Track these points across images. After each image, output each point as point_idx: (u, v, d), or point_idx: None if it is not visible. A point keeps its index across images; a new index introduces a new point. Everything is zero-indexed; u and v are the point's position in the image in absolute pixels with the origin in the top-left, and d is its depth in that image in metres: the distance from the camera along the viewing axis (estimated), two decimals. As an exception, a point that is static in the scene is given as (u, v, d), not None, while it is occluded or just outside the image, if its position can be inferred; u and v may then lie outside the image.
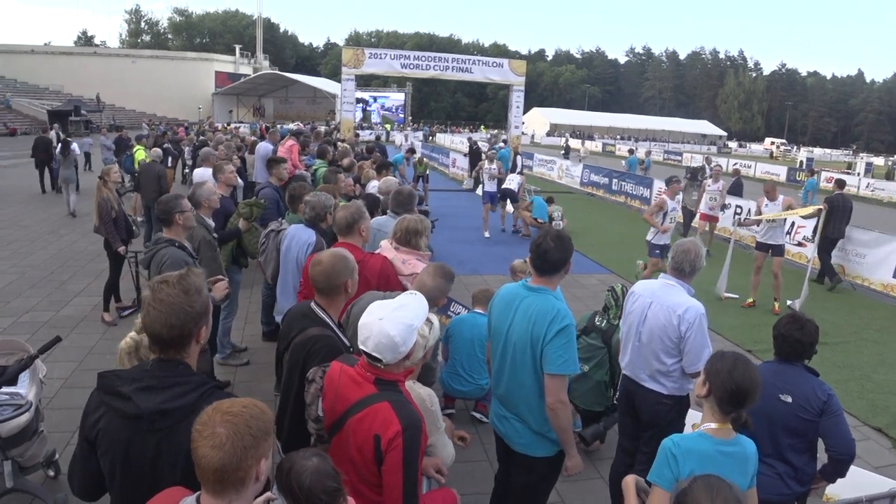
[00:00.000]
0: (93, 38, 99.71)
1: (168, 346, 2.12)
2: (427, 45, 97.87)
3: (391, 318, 2.45)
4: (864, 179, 35.82)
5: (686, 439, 2.68)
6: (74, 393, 5.69)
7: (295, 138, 14.15)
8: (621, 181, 22.55)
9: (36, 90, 63.27)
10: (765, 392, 3.28)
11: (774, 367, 3.60)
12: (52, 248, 11.66)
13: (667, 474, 2.57)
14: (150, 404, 2.00)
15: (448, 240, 13.35)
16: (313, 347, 2.93)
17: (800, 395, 3.42)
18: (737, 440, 2.67)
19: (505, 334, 3.35)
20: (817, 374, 3.54)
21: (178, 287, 2.11)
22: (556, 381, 3.14)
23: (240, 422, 1.76)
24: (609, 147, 63.10)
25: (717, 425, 2.66)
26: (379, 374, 2.50)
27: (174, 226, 4.78)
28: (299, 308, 3.31)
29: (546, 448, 3.33)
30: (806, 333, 3.52)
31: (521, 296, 3.33)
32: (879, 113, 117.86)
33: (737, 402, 2.63)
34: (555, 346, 3.12)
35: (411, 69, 27.15)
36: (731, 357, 2.74)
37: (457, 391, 5.77)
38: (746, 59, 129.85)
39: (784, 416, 3.43)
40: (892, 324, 9.68)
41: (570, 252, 3.28)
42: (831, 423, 3.38)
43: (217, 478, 1.74)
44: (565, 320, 3.15)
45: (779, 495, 3.47)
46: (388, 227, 5.16)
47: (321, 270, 3.15)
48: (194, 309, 2.11)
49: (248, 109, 74.74)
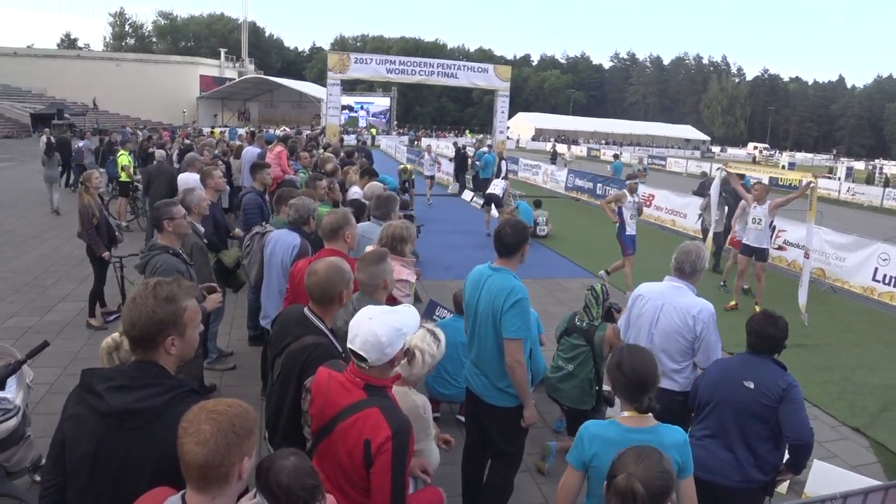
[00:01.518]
0: (76, 40, 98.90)
1: (136, 346, 2.18)
2: (413, 50, 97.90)
3: (380, 319, 2.52)
4: (845, 184, 36.29)
5: (596, 425, 2.94)
6: (60, 398, 5.58)
7: (283, 144, 14.14)
8: (606, 186, 22.69)
9: (19, 93, 62.59)
10: (732, 381, 3.66)
11: (743, 359, 3.80)
12: (36, 252, 11.59)
13: (577, 454, 2.88)
14: (119, 403, 2.05)
15: (434, 245, 13.40)
16: (311, 355, 2.95)
17: (761, 382, 3.58)
18: (653, 429, 2.84)
19: (474, 307, 3.95)
20: (785, 367, 3.68)
21: (150, 291, 2.18)
22: (512, 344, 3.72)
23: (224, 420, 1.82)
24: (594, 152, 63.45)
25: (628, 414, 2.89)
26: (368, 379, 2.55)
27: (165, 232, 4.86)
28: (292, 314, 3.32)
29: (506, 399, 3.90)
30: (779, 329, 3.70)
31: (486, 275, 3.92)
32: (860, 118, 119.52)
33: (636, 389, 2.86)
34: (510, 315, 3.69)
35: (397, 74, 27.27)
36: (618, 353, 3.03)
37: (442, 395, 5.81)
38: (730, 65, 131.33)
39: (746, 401, 3.59)
40: (872, 326, 9.86)
41: (523, 237, 3.87)
42: (789, 410, 3.51)
43: (201, 474, 1.79)
44: (519, 294, 3.72)
45: (736, 482, 3.58)
46: (372, 233, 5.21)
47: (316, 280, 3.18)
48: (156, 315, 2.15)
49: (233, 113, 74.39)
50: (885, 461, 5.79)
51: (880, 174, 46.15)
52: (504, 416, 3.94)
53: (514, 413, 3.92)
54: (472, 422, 4.31)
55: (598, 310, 5.44)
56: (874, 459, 5.83)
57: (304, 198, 5.65)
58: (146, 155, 16.88)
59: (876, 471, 5.53)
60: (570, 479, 2.90)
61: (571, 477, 2.89)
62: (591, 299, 5.51)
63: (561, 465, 5.22)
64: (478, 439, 4.25)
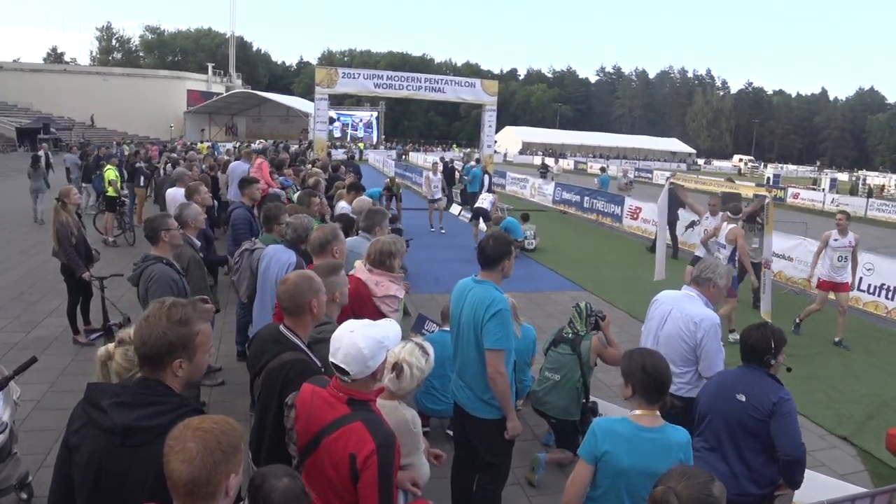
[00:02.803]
0: (63, 54, 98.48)
1: (144, 363, 2.18)
2: (400, 65, 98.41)
3: (362, 332, 2.54)
4: (829, 195, 36.66)
5: (609, 421, 3.06)
6: (47, 415, 5.63)
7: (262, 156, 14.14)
8: (593, 199, 22.83)
9: (4, 107, 62.22)
10: (726, 393, 3.66)
11: (739, 371, 3.78)
12: (22, 268, 11.50)
13: (589, 448, 2.98)
14: (123, 419, 2.05)
15: (423, 259, 13.40)
16: (289, 373, 2.95)
17: (753, 395, 3.57)
18: (661, 429, 2.96)
19: (458, 318, 4.00)
20: (780, 382, 3.66)
21: (165, 311, 2.18)
22: (493, 355, 3.74)
23: (210, 437, 1.81)
24: (581, 165, 63.81)
25: (641, 412, 2.99)
26: (351, 393, 2.56)
27: (161, 243, 4.91)
28: (268, 332, 3.32)
29: (490, 412, 3.91)
30: (758, 339, 3.67)
31: (469, 287, 3.98)
32: (843, 130, 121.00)
33: (657, 390, 3.00)
34: (491, 325, 3.72)
35: (384, 89, 27.30)
36: (639, 355, 3.11)
37: (431, 410, 5.80)
38: (714, 78, 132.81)
39: (738, 414, 3.59)
40: (858, 336, 9.92)
41: (504, 249, 3.91)
42: (780, 424, 3.49)
43: (187, 491, 1.79)
44: (500, 305, 3.75)
45: (733, 495, 3.47)
46: (360, 248, 5.22)
47: (285, 289, 3.20)
48: (167, 336, 2.16)
49: (221, 128, 74.35)
50: (873, 469, 5.83)
51: (864, 185, 46.81)
52: (489, 429, 3.95)
53: (498, 425, 3.93)
54: (459, 434, 4.32)
55: (582, 323, 5.57)
56: (862, 468, 5.88)
57: (302, 216, 5.66)
58: (133, 170, 16.84)
59: (864, 479, 5.57)
60: (581, 472, 2.99)
61: (582, 470, 2.99)
62: (575, 315, 5.65)
63: (551, 478, 5.26)
64: (465, 452, 4.25)
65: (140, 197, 16.77)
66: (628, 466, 2.86)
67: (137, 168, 16.85)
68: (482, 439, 4.02)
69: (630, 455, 2.87)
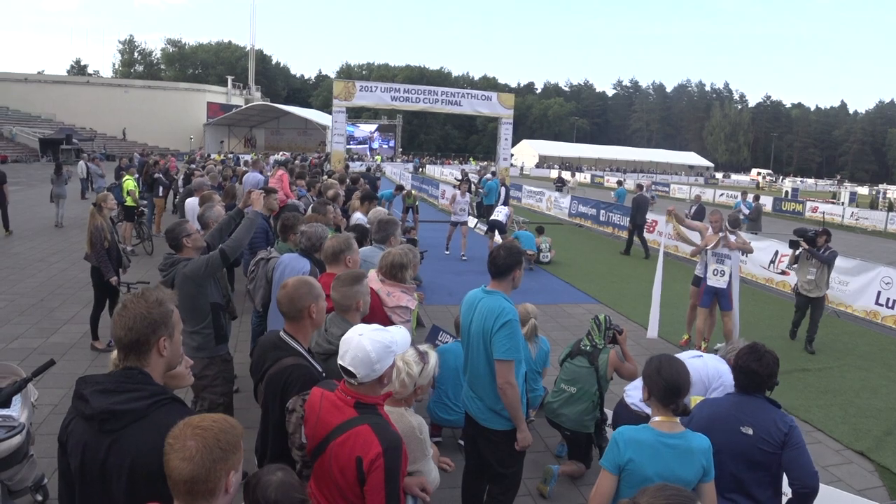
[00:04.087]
0: (86, 67, 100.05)
1: (128, 352, 2.22)
2: (418, 78, 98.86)
3: (370, 335, 2.56)
4: (849, 209, 36.31)
5: (631, 430, 3.02)
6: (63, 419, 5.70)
7: (283, 167, 14.27)
8: (609, 212, 22.77)
9: (28, 118, 63.36)
10: (726, 426, 3.40)
11: (735, 400, 3.55)
12: (42, 275, 11.66)
13: (612, 458, 2.95)
14: (100, 404, 2.09)
15: (437, 270, 13.45)
16: (289, 378, 2.99)
17: (761, 428, 3.35)
18: (682, 434, 2.98)
19: (468, 329, 3.99)
20: (779, 405, 3.48)
21: (140, 297, 2.25)
22: (503, 366, 3.72)
23: (209, 435, 1.84)
24: (598, 178, 63.68)
25: (661, 418, 3.02)
26: (358, 397, 2.58)
27: (185, 249, 5.01)
28: (269, 339, 3.36)
29: (500, 423, 3.90)
30: (763, 365, 3.45)
31: (479, 297, 3.98)
32: (863, 143, 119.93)
33: (672, 394, 3.01)
34: (500, 336, 3.71)
35: (401, 102, 27.50)
36: (657, 359, 3.16)
37: (443, 420, 5.81)
38: (732, 92, 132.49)
39: (746, 448, 3.35)
40: (875, 350, 9.82)
41: (515, 260, 3.93)
42: (794, 455, 3.29)
43: (188, 489, 1.82)
44: (509, 315, 3.74)
45: None
46: (374, 258, 5.25)
47: (284, 294, 3.24)
48: (151, 315, 2.21)
49: (240, 140, 75.10)
50: (890, 485, 5.75)
51: (884, 199, 46.33)
52: (500, 440, 3.94)
53: (509, 436, 3.92)
54: (470, 445, 4.31)
55: (601, 337, 5.52)
56: (879, 483, 5.80)
57: (317, 225, 5.70)
58: (152, 180, 17.07)
59: (881, 494, 5.50)
60: (605, 482, 2.96)
61: (606, 481, 2.96)
62: (593, 327, 5.61)
63: (563, 489, 5.24)
64: (477, 463, 4.24)
65: (158, 207, 17.00)
66: (653, 474, 2.81)
67: (156, 179, 17.09)
68: (493, 450, 4.01)
69: (654, 463, 2.86)
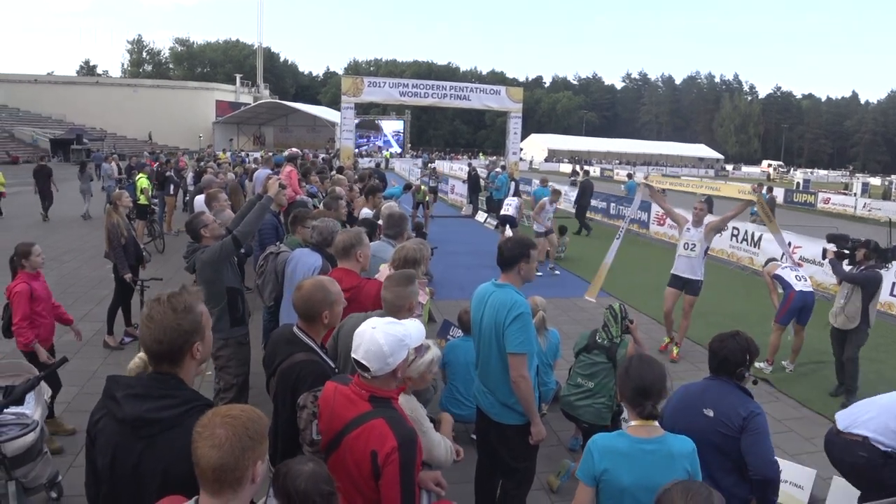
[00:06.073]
0: (95, 67, 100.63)
1: (161, 361, 2.21)
2: (426, 73, 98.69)
3: (383, 328, 2.55)
4: (861, 199, 36.03)
5: (606, 438, 2.91)
6: (77, 416, 5.72)
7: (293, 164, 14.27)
8: (619, 206, 22.68)
9: (39, 119, 63.78)
10: (691, 408, 3.44)
11: (705, 384, 3.58)
12: (55, 274, 11.71)
13: (586, 469, 2.84)
14: (133, 411, 2.09)
15: (447, 265, 13.42)
16: (301, 373, 2.99)
17: (721, 411, 3.36)
18: (661, 439, 2.81)
19: (479, 323, 3.96)
20: (751, 395, 3.48)
21: (167, 305, 2.20)
22: (516, 359, 3.69)
23: (238, 424, 1.85)
24: (607, 172, 63.45)
25: (637, 423, 2.87)
26: (372, 391, 2.58)
27: (204, 239, 5.32)
28: (282, 333, 3.37)
29: (514, 417, 3.88)
30: (731, 348, 3.46)
31: (490, 291, 3.94)
32: (875, 133, 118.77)
33: (639, 395, 2.86)
34: (513, 329, 3.68)
35: (410, 97, 27.54)
36: (627, 360, 3.08)
37: (456, 415, 5.77)
38: (742, 83, 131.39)
39: (706, 430, 3.34)
40: (890, 341, 9.73)
41: (520, 250, 3.89)
42: (751, 441, 3.28)
43: (216, 477, 1.82)
44: (521, 308, 3.71)
45: None
46: (384, 252, 5.26)
47: (300, 296, 3.23)
48: (182, 327, 2.19)
49: (249, 138, 75.20)
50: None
51: (896, 189, 45.87)
52: (513, 434, 3.92)
53: (522, 430, 3.89)
54: (482, 440, 4.30)
55: (617, 328, 5.51)
56: None
57: (328, 219, 5.74)
58: (163, 179, 17.16)
59: (896, 488, 5.44)
60: (582, 496, 2.84)
61: (583, 494, 2.84)
62: (609, 318, 5.58)
63: (573, 484, 5.19)
64: (489, 458, 4.23)
65: (169, 205, 17.12)
66: (630, 484, 2.70)
67: (168, 177, 17.19)
68: (506, 445, 3.99)
69: (631, 471, 2.71)
